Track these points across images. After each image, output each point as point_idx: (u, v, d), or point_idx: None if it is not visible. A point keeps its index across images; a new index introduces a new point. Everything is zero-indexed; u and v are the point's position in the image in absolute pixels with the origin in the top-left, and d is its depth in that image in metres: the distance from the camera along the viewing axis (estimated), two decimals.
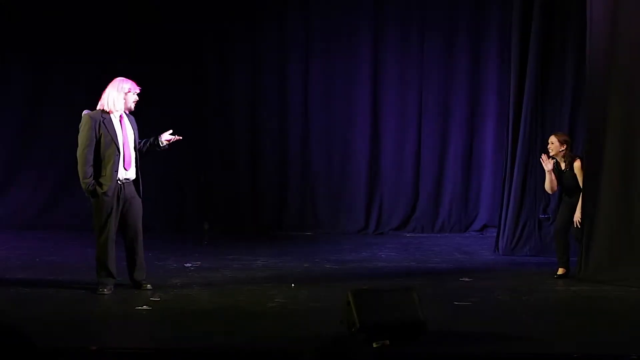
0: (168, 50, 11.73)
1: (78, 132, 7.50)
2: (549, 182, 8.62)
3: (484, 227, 11.67)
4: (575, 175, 8.41)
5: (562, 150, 8.44)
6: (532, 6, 9.80)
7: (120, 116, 7.48)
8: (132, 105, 7.48)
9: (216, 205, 11.96)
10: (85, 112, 7.52)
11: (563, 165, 8.49)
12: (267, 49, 11.99)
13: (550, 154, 8.50)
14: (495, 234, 10.31)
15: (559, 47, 9.85)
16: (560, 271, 8.40)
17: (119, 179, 7.28)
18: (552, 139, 8.53)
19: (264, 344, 5.94)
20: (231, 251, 9.99)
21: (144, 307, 6.84)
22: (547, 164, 8.54)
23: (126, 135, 7.43)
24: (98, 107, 7.46)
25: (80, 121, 7.56)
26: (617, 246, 8.16)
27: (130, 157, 7.37)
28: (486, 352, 5.76)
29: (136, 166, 7.48)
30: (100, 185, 7.21)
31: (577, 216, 8.38)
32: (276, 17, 12.01)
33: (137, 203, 7.46)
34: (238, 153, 12.04)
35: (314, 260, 9.48)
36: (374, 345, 5.67)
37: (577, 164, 8.41)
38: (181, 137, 7.83)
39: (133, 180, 7.43)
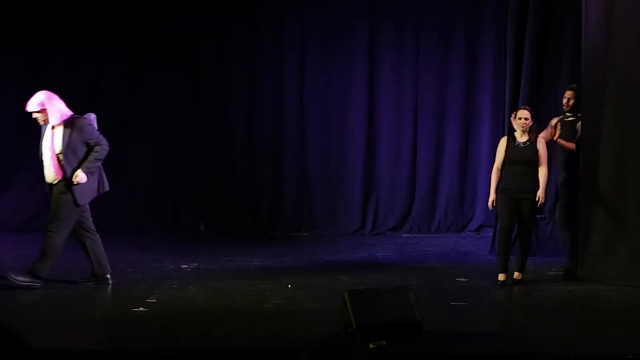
0: (165, 50, 11.72)
1: None
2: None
3: (480, 227, 11.67)
4: (538, 149, 8.10)
5: (532, 125, 8.17)
6: (528, 6, 9.80)
7: (53, 126, 7.89)
8: (40, 121, 7.97)
9: (212, 206, 11.95)
10: None
11: (525, 138, 8.12)
12: (263, 49, 11.98)
13: (523, 129, 8.10)
14: (491, 234, 10.31)
15: (554, 46, 9.85)
16: (503, 277, 8.05)
17: (47, 181, 7.98)
18: (526, 113, 8.12)
19: (260, 344, 5.94)
20: (227, 252, 9.98)
21: (140, 308, 6.83)
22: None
23: (48, 144, 7.89)
24: None
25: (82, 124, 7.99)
26: (612, 246, 8.16)
27: (50, 164, 7.88)
28: (482, 352, 5.76)
29: (63, 170, 7.84)
30: None
31: (541, 192, 8.02)
32: (272, 18, 12.01)
33: (57, 200, 7.88)
34: (234, 154, 12.03)
35: (310, 261, 9.47)
36: (371, 345, 5.67)
37: (542, 137, 8.19)
38: None
39: (56, 183, 7.89)
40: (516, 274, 8.09)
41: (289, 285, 7.86)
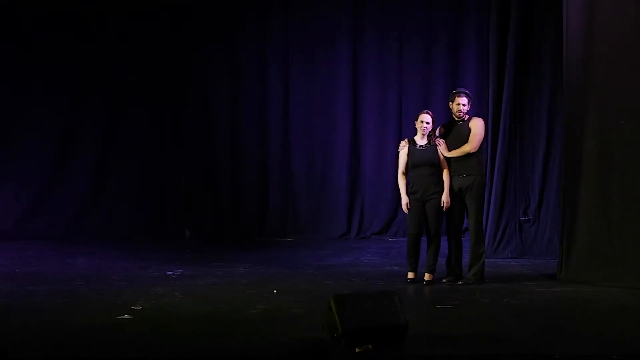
0: (149, 55, 11.73)
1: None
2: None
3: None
4: (437, 149, 8.22)
5: (431, 130, 8.26)
6: (510, 10, 9.86)
7: None
8: None
9: (197, 212, 11.94)
10: None
11: (425, 141, 8.25)
12: (248, 54, 12.01)
13: (423, 133, 8.23)
14: None
15: (536, 50, 9.92)
16: (412, 275, 8.32)
17: None
18: (428, 118, 8.22)
19: (246, 350, 5.93)
20: (213, 258, 9.98)
21: (125, 316, 6.81)
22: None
23: None
24: None
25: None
26: (596, 247, 8.20)
27: None
28: (468, 355, 5.77)
29: None
30: None
31: (445, 197, 8.15)
32: (256, 23, 12.03)
33: None
34: (219, 160, 12.04)
35: (296, 266, 9.48)
36: (357, 350, 5.68)
37: (440, 138, 8.28)
38: None
39: None
40: (426, 276, 8.28)
41: (275, 291, 7.86)
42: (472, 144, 8.21)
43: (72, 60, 11.69)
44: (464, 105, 8.25)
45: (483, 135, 8.32)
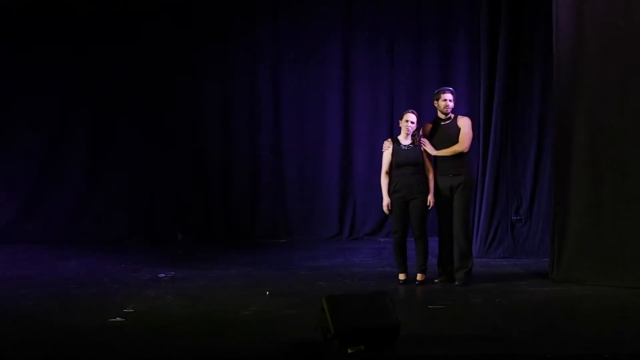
0: (138, 60, 11.70)
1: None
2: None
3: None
4: (421, 149, 8.24)
5: (415, 129, 8.28)
6: (500, 11, 9.88)
7: None
8: None
9: (189, 215, 11.92)
10: None
11: (409, 141, 8.27)
12: (238, 57, 11.99)
13: (408, 132, 8.23)
14: None
15: (527, 51, 9.94)
16: (403, 276, 8.33)
17: None
18: (413, 117, 8.23)
19: (239, 352, 5.92)
20: (205, 260, 9.97)
21: (118, 319, 6.79)
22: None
23: None
24: None
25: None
26: (588, 247, 8.22)
27: None
28: (461, 355, 5.78)
29: None
30: None
31: (431, 197, 8.18)
32: (245, 26, 12.01)
33: None
34: (210, 162, 12.01)
35: (288, 268, 9.48)
36: (349, 351, 5.68)
37: (424, 137, 8.30)
38: None
39: None
40: (418, 276, 8.29)
41: (267, 292, 7.85)
42: (463, 144, 8.22)
43: (60, 62, 11.64)
44: (450, 100, 8.26)
45: (472, 134, 8.35)
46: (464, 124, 8.29)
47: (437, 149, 8.26)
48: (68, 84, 11.75)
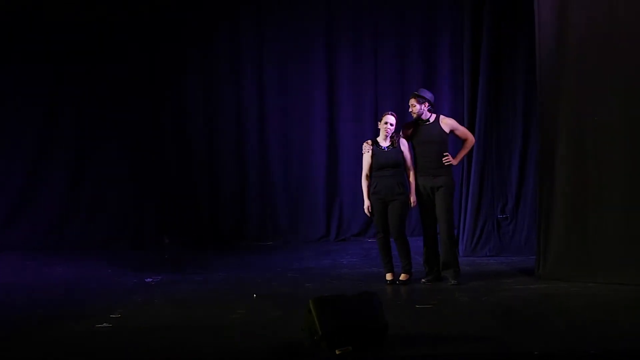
0: (123, 62, 11.66)
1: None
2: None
3: None
4: (401, 150, 8.29)
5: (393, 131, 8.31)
6: (483, 11, 9.91)
7: None
8: None
9: (176, 219, 11.90)
10: None
11: (388, 142, 8.29)
12: (221, 61, 11.97)
13: (387, 134, 8.24)
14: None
15: (510, 50, 9.98)
16: (390, 276, 8.36)
17: None
18: (392, 119, 8.25)
19: (227, 355, 5.92)
20: (192, 264, 9.96)
21: (104, 324, 6.77)
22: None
23: None
24: None
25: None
26: (573, 244, 8.24)
27: None
28: (448, 354, 5.79)
29: None
30: None
31: (413, 197, 8.26)
32: (229, 28, 12.00)
33: None
34: (195, 165, 11.99)
35: (275, 270, 9.47)
36: (337, 352, 5.68)
37: (403, 138, 8.33)
38: None
39: None
40: (402, 276, 8.33)
41: (254, 295, 7.84)
42: (470, 135, 8.48)
43: (48, 63, 11.60)
44: (414, 105, 8.29)
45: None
46: (452, 123, 8.34)
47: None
48: (49, 89, 11.68)
